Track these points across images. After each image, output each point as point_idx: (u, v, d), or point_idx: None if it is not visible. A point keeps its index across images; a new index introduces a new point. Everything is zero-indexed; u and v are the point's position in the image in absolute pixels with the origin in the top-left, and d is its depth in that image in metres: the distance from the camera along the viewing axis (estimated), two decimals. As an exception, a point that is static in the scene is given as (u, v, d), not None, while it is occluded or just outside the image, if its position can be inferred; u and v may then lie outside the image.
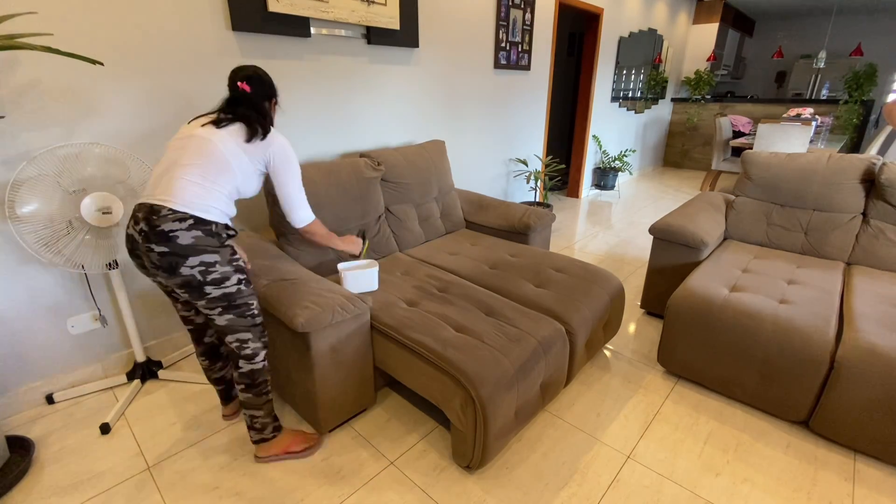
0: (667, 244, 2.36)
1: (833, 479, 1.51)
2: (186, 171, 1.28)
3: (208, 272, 1.27)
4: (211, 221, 1.29)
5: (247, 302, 1.37)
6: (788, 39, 8.71)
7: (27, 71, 1.56)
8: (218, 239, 1.30)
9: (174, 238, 1.23)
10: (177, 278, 1.25)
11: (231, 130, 1.36)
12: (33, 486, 1.47)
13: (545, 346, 1.60)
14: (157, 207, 1.24)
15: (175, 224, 1.23)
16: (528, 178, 4.01)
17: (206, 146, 1.31)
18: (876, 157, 2.28)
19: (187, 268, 1.24)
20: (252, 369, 1.42)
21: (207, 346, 1.60)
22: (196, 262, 1.25)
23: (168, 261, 1.23)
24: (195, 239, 1.25)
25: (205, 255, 1.26)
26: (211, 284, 1.28)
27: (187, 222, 1.25)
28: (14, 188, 1.52)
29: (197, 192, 1.28)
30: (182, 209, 1.25)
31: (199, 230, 1.26)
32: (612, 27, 4.84)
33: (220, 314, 1.33)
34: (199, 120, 1.39)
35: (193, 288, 1.27)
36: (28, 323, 1.75)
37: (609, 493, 1.46)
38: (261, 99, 1.45)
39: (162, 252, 1.23)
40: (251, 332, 1.39)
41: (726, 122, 5.26)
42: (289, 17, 2.13)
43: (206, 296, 1.29)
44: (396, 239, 2.43)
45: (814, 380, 1.60)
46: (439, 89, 3.10)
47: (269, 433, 1.53)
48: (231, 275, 1.32)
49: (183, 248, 1.24)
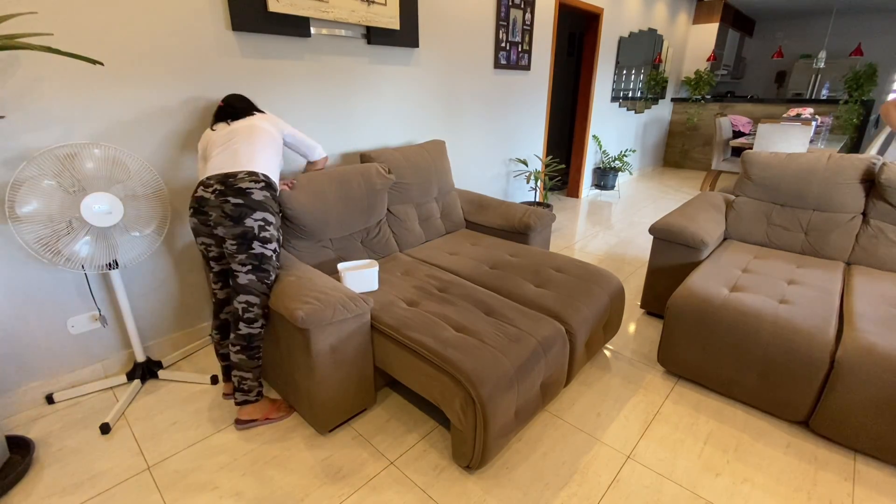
0: (667, 244, 2.36)
1: (833, 479, 1.51)
2: (249, 148, 1.63)
3: (264, 228, 1.54)
4: (275, 188, 1.63)
5: (269, 270, 1.59)
6: (788, 39, 8.71)
7: (27, 71, 1.56)
8: (277, 205, 1.63)
9: (250, 193, 1.52)
10: (238, 227, 1.50)
11: (256, 117, 1.77)
12: (33, 486, 1.47)
13: (545, 346, 1.60)
14: (231, 173, 1.55)
15: (251, 184, 1.54)
16: (528, 178, 4.01)
17: (262, 132, 1.70)
18: (876, 157, 2.28)
19: (251, 220, 1.51)
20: (250, 333, 1.61)
21: (223, 321, 1.78)
22: (260, 217, 1.53)
23: (240, 210, 1.50)
24: (265, 198, 1.55)
25: (267, 214, 1.55)
26: (259, 241, 1.53)
27: (261, 183, 1.56)
28: (14, 188, 1.52)
29: (265, 162, 1.64)
30: (258, 171, 1.58)
31: (268, 192, 1.58)
32: (612, 27, 4.84)
33: (246, 272, 1.55)
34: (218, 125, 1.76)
35: (246, 240, 1.52)
36: (28, 323, 1.75)
37: (609, 493, 1.46)
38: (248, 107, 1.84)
39: (237, 203, 1.50)
40: (259, 299, 1.58)
41: (726, 122, 5.26)
42: (289, 17, 2.13)
43: (250, 249, 1.53)
44: (396, 239, 2.43)
45: (814, 380, 1.60)
46: (439, 89, 3.10)
47: (254, 396, 1.71)
48: (274, 240, 1.59)
49: (254, 203, 1.52)
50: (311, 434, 1.69)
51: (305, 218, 1.96)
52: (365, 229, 2.28)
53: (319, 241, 2.09)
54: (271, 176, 1.64)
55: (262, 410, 1.73)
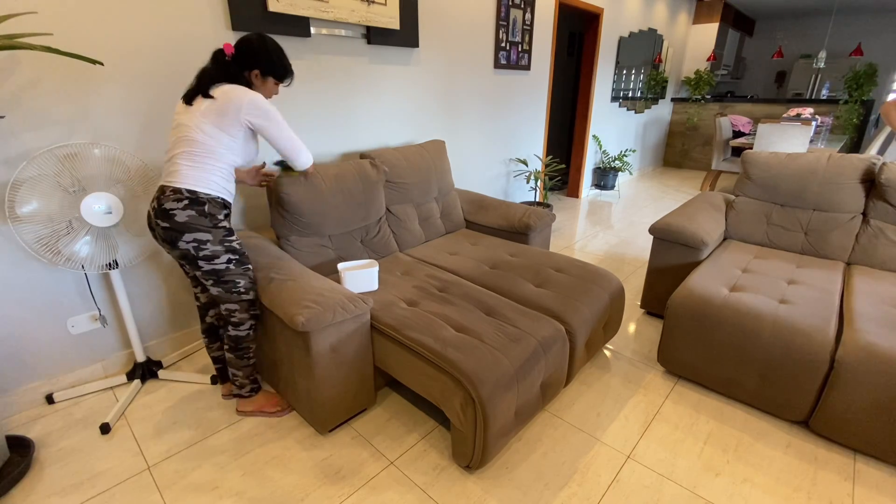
0: (667, 244, 2.36)
1: (833, 479, 1.51)
2: (180, 157, 1.44)
3: (200, 248, 1.45)
4: (205, 201, 1.44)
5: (234, 280, 1.53)
6: (788, 39, 8.71)
7: (27, 71, 1.56)
8: (210, 220, 1.46)
9: (173, 216, 1.41)
10: (176, 251, 1.45)
11: (202, 109, 1.42)
12: (33, 486, 1.47)
13: (545, 345, 1.60)
14: (164, 187, 1.44)
15: (173, 203, 1.41)
16: (528, 178, 4.01)
17: (185, 133, 1.43)
18: (876, 157, 2.28)
19: (184, 242, 1.43)
20: (237, 335, 1.62)
21: (208, 325, 1.77)
22: (190, 238, 1.43)
23: (169, 235, 1.42)
24: (189, 218, 1.42)
25: (198, 234, 1.44)
26: (203, 259, 1.46)
27: (183, 202, 1.41)
28: (14, 188, 1.52)
29: (191, 173, 1.43)
30: (180, 186, 1.42)
31: (193, 210, 1.42)
32: (612, 27, 4.84)
33: (212, 285, 1.53)
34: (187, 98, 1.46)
35: (189, 260, 1.46)
36: (28, 323, 1.75)
37: (609, 492, 1.46)
38: (238, 66, 1.48)
39: (164, 227, 1.42)
40: (238, 306, 1.58)
41: (726, 122, 5.26)
42: (289, 16, 2.12)
43: (200, 268, 1.48)
44: (396, 239, 2.43)
45: (814, 380, 1.60)
46: (439, 89, 3.10)
47: (246, 392, 1.73)
48: (221, 254, 1.48)
49: (179, 225, 1.41)
50: (310, 434, 1.69)
51: (303, 207, 1.97)
52: (364, 228, 2.28)
53: (319, 237, 2.09)
54: (201, 189, 1.43)
55: (256, 404, 1.77)
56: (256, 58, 1.48)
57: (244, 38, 1.49)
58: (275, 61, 1.51)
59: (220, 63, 1.46)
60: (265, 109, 1.46)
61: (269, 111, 1.47)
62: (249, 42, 1.47)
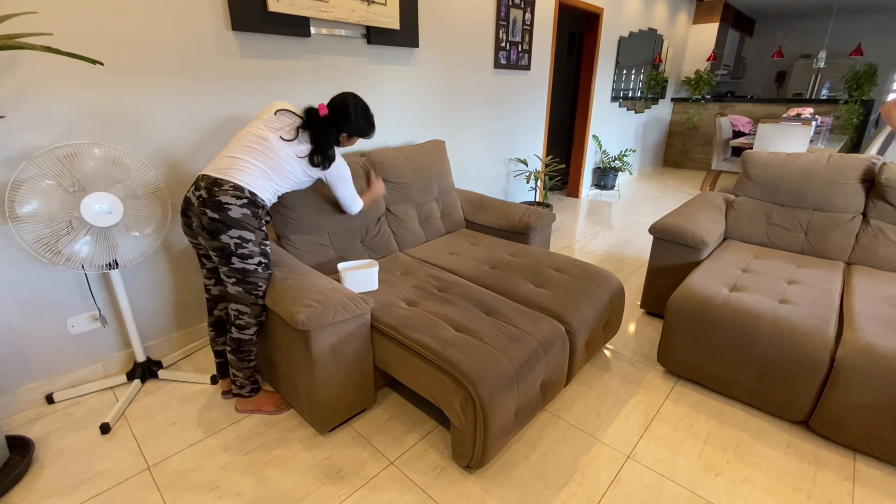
0: (667, 244, 2.36)
1: (833, 479, 1.51)
2: (253, 165, 1.55)
3: (241, 245, 1.50)
4: (261, 205, 1.55)
5: (256, 283, 1.58)
6: (788, 39, 8.71)
7: (27, 71, 1.56)
8: (259, 222, 1.55)
9: (228, 209, 1.47)
10: (215, 242, 1.48)
11: (295, 150, 1.62)
12: (33, 486, 1.47)
13: (545, 345, 1.60)
14: (220, 181, 1.49)
15: (231, 199, 1.47)
16: (528, 178, 4.01)
17: (273, 156, 1.59)
18: (876, 157, 2.28)
19: (227, 236, 1.48)
20: (240, 338, 1.64)
21: (216, 318, 1.80)
22: (236, 234, 1.49)
23: (215, 226, 1.46)
24: (243, 216, 1.49)
25: (244, 232, 1.50)
26: (238, 257, 1.51)
27: (242, 200, 1.49)
28: (14, 188, 1.52)
29: (257, 180, 1.55)
30: (243, 185, 1.50)
31: (248, 210, 1.51)
32: (612, 27, 4.84)
33: (234, 284, 1.56)
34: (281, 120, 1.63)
35: (225, 255, 1.50)
36: (28, 323, 1.75)
37: (609, 492, 1.46)
38: (331, 127, 1.67)
39: (213, 218, 1.46)
40: (250, 308, 1.60)
41: (726, 121, 5.26)
42: (289, 16, 2.12)
43: (230, 264, 1.52)
44: (396, 239, 2.43)
45: (814, 380, 1.60)
46: (439, 89, 3.10)
47: (246, 392, 1.75)
48: (256, 255, 1.55)
49: (230, 220, 1.47)
50: (311, 434, 1.69)
51: (301, 203, 1.98)
52: (364, 226, 2.28)
53: (318, 235, 2.09)
54: (261, 194, 1.56)
55: (254, 403, 1.79)
56: (349, 123, 1.69)
57: (338, 100, 1.67)
58: (363, 125, 1.73)
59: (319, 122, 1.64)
60: (344, 174, 1.80)
61: (345, 175, 1.81)
62: (344, 107, 1.67)
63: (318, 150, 1.65)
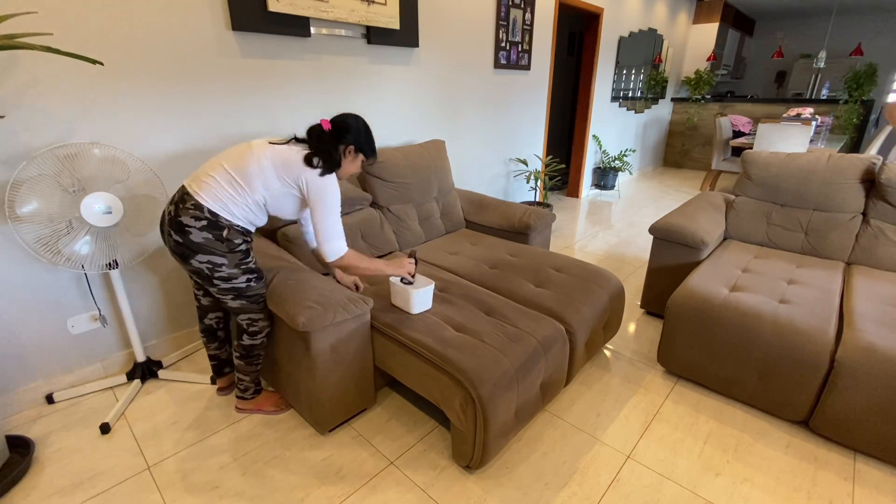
0: (667, 244, 2.36)
1: (833, 479, 1.51)
2: (219, 174, 1.40)
3: (216, 270, 1.42)
4: (223, 226, 1.40)
5: (255, 295, 1.53)
6: (788, 39, 8.71)
7: (27, 71, 1.56)
8: (227, 245, 1.41)
9: (188, 233, 1.37)
10: (187, 265, 1.41)
11: (278, 149, 1.43)
12: (33, 486, 1.47)
13: (545, 345, 1.60)
14: (186, 197, 1.39)
15: (191, 220, 1.36)
16: (528, 178, 4.01)
17: (245, 156, 1.41)
18: (876, 157, 2.28)
19: (197, 262, 1.40)
20: (252, 344, 1.62)
21: (207, 326, 1.77)
22: (205, 259, 1.40)
23: (181, 250, 1.39)
24: (205, 240, 1.38)
25: (212, 257, 1.40)
26: (219, 279, 1.44)
27: (201, 222, 1.37)
28: (14, 188, 1.52)
29: (220, 196, 1.39)
30: (203, 204, 1.37)
31: (210, 233, 1.38)
32: (612, 27, 4.84)
33: (231, 300, 1.50)
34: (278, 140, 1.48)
35: (203, 278, 1.43)
36: (28, 323, 1.75)
37: (609, 492, 1.46)
38: (334, 140, 1.48)
39: (176, 241, 1.38)
40: (262, 313, 1.58)
41: (726, 121, 5.26)
42: (289, 16, 2.12)
43: (215, 286, 1.45)
44: (397, 238, 2.43)
45: (814, 380, 1.60)
46: (439, 89, 3.10)
47: (249, 395, 1.76)
48: (239, 276, 1.46)
49: (193, 245, 1.38)
50: (311, 434, 1.69)
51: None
52: (365, 223, 2.28)
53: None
54: (223, 214, 1.39)
55: (255, 403, 1.79)
56: (353, 135, 1.51)
57: (340, 117, 1.51)
58: (368, 140, 1.55)
59: (318, 134, 1.47)
60: (328, 193, 1.45)
61: (329, 195, 1.46)
62: (347, 120, 1.51)
63: (320, 152, 1.45)
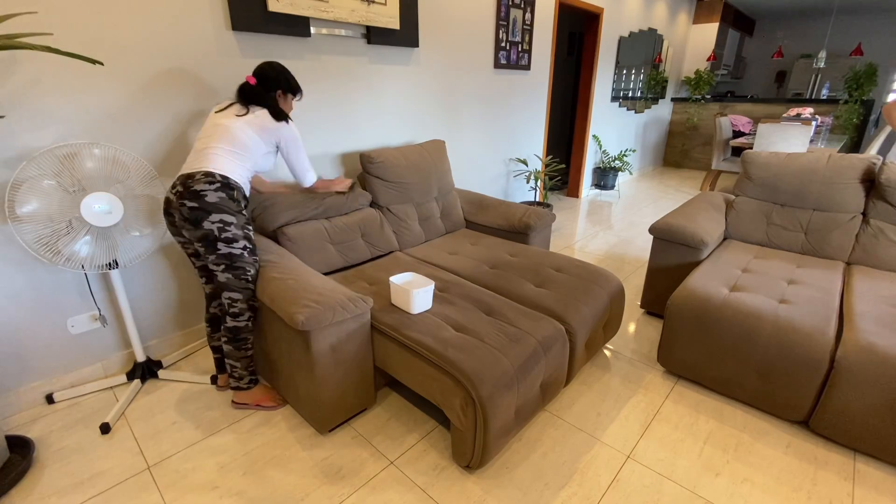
0: (667, 244, 2.36)
1: (833, 479, 1.51)
2: (216, 148, 1.60)
3: (224, 229, 1.54)
4: (234, 187, 1.58)
5: (244, 267, 1.61)
6: (788, 39, 8.71)
7: (27, 71, 1.56)
8: (237, 204, 1.59)
9: (203, 196, 1.51)
10: (199, 231, 1.52)
11: (248, 119, 1.67)
12: (33, 486, 1.47)
13: (545, 345, 1.60)
14: (191, 174, 1.54)
15: (205, 185, 1.52)
16: (528, 178, 4.01)
17: (229, 133, 1.64)
18: (876, 157, 2.28)
19: (209, 222, 1.51)
20: (236, 325, 1.66)
21: (212, 314, 1.84)
22: (217, 219, 1.52)
23: (195, 214, 1.50)
24: (220, 199, 1.53)
25: (224, 215, 1.54)
26: (223, 241, 1.55)
27: (215, 184, 1.53)
28: (14, 188, 1.52)
29: (226, 163, 1.60)
30: (214, 171, 1.55)
31: (224, 193, 1.55)
32: (612, 27, 4.84)
33: (222, 271, 1.58)
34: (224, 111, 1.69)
35: (210, 242, 1.53)
36: (28, 323, 1.75)
37: (609, 492, 1.46)
38: (265, 91, 1.73)
39: (192, 207, 1.50)
40: (242, 294, 1.63)
41: (726, 121, 5.26)
42: (289, 16, 2.12)
43: (216, 251, 1.55)
44: (397, 238, 2.43)
45: (814, 379, 1.60)
46: (439, 89, 3.10)
47: (245, 384, 1.76)
48: (240, 239, 1.58)
49: (208, 205, 1.51)
50: (310, 434, 1.69)
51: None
52: (365, 221, 2.28)
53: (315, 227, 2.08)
54: (232, 176, 1.60)
55: (253, 396, 1.79)
56: (277, 81, 1.75)
57: (258, 69, 1.75)
58: (290, 80, 1.79)
59: (250, 90, 1.71)
60: (297, 137, 1.78)
61: (298, 139, 1.79)
62: (266, 70, 1.74)
63: (270, 107, 1.70)
